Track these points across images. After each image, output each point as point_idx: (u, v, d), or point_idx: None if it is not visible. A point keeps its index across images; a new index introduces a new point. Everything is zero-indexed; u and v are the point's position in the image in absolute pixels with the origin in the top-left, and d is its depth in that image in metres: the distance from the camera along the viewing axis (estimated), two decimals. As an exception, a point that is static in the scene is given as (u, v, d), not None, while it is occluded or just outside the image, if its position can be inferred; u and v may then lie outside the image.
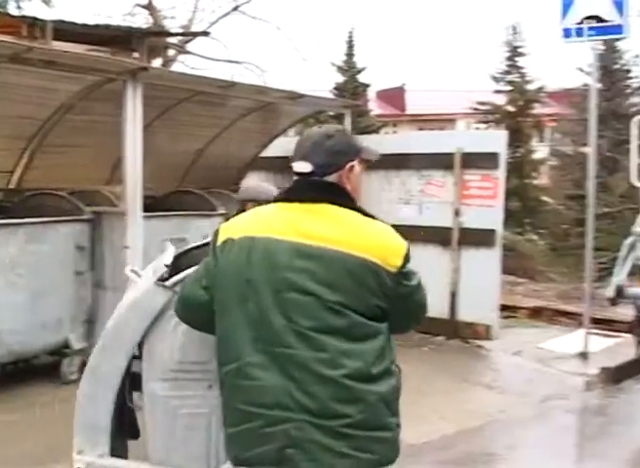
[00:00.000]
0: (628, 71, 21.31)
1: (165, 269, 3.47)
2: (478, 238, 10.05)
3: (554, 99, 23.53)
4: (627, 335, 8.99)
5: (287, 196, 2.94)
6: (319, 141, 2.92)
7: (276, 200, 2.97)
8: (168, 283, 3.36)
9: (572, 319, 11.21)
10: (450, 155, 10.40)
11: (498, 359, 9.40)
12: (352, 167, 2.96)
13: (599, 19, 9.14)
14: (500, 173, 10.07)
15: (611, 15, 9.07)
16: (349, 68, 22.02)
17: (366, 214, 2.89)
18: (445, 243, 10.37)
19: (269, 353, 2.73)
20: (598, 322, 10.41)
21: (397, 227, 2.90)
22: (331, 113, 15.54)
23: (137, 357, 3.47)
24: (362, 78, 22.24)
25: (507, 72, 21.95)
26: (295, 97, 10.61)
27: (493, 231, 9.97)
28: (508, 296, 12.40)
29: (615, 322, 10.41)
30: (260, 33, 51.97)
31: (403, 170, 10.83)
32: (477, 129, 22.30)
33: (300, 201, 2.87)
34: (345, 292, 2.72)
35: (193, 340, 3.29)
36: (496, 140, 10.54)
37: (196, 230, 8.88)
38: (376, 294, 2.76)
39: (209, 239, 3.07)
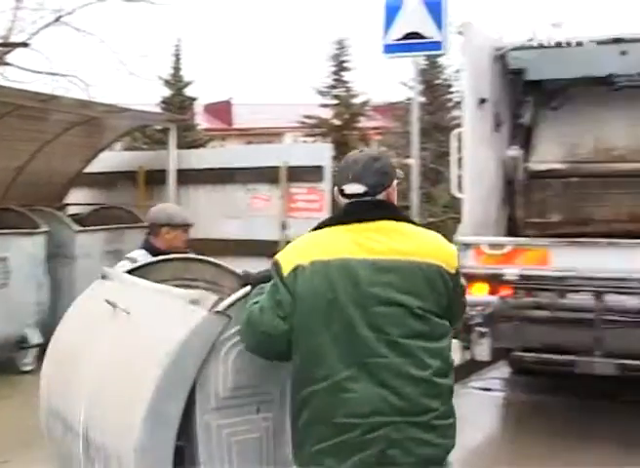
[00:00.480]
0: (450, 86, 22.11)
1: None
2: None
3: (379, 113, 24.14)
4: (453, 341, 9.22)
5: (344, 219, 3.17)
6: (368, 164, 3.18)
7: (329, 224, 3.19)
8: (221, 308, 3.29)
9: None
10: (275, 169, 10.46)
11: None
12: (394, 184, 3.25)
13: (420, 35, 9.40)
14: (326, 185, 10.19)
15: (430, 31, 9.34)
16: (176, 82, 21.85)
17: (415, 225, 3.24)
18: (273, 256, 10.35)
19: (360, 365, 2.97)
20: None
21: (224, 242, 2.87)
22: (157, 127, 15.33)
23: None
24: (189, 92, 22.12)
25: (333, 86, 22.34)
26: (119, 110, 10.41)
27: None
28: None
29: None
30: (84, 46, 50.64)
31: (229, 184, 10.81)
32: (304, 142, 22.54)
33: (359, 221, 3.12)
34: (424, 298, 3.03)
35: (244, 365, 3.29)
36: (321, 154, 10.68)
37: (17, 249, 8.55)
38: (444, 296, 3.10)
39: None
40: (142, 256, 5.21)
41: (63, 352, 4.20)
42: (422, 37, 9.42)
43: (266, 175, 10.60)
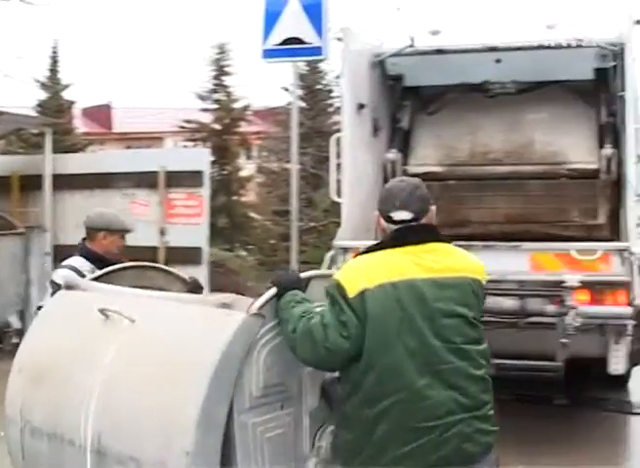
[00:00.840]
0: (331, 91, 22.24)
1: None
2: (184, 256, 10.02)
3: (260, 118, 24.12)
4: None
5: (396, 242, 3.54)
6: (412, 192, 3.63)
7: (383, 247, 3.55)
8: (256, 309, 3.51)
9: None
10: (154, 174, 10.32)
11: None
12: (433, 209, 3.72)
13: (300, 40, 9.44)
14: (205, 190, 10.14)
15: (311, 37, 9.39)
16: (53, 85, 21.29)
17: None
18: (152, 262, 10.22)
19: (433, 373, 3.35)
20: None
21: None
22: (33, 131, 14.94)
23: None
24: (67, 95, 21.58)
25: (214, 90, 22.15)
26: (-9, 113, 10.08)
27: (199, 249, 10.00)
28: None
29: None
30: (-47, 46, 48.95)
31: (106, 189, 10.61)
32: (185, 147, 22.32)
33: (412, 243, 3.52)
34: (473, 308, 3.49)
35: (273, 364, 3.52)
36: (199, 159, 10.64)
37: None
38: (481, 304, 3.59)
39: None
40: (82, 264, 5.29)
41: (45, 368, 4.10)
42: (303, 42, 9.46)
43: (145, 181, 10.46)
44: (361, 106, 8.14)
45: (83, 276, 4.86)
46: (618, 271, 6.96)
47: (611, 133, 8.17)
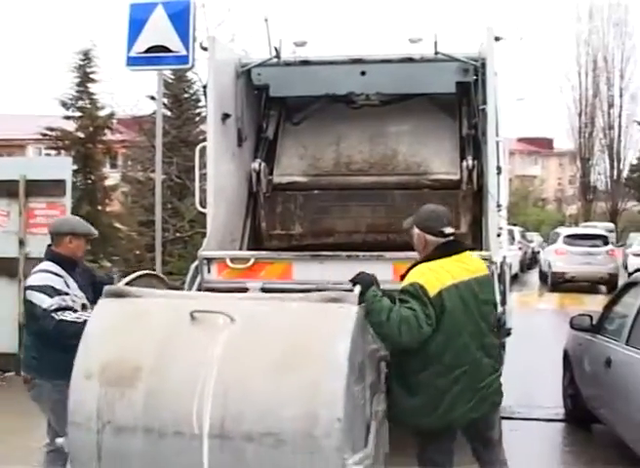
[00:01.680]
0: (198, 100, 22.06)
1: None
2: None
3: (125, 126, 23.67)
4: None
5: (448, 253, 4.99)
6: (447, 212, 5.23)
7: (440, 257, 4.95)
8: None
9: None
10: (14, 182, 9.98)
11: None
12: None
13: (165, 48, 9.31)
14: (67, 200, 9.87)
15: (176, 45, 9.28)
16: None
17: None
18: (12, 274, 9.92)
19: (482, 347, 4.94)
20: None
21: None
22: None
23: None
24: None
25: (78, 98, 21.65)
26: None
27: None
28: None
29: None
30: None
31: (-37, 199, 10.20)
32: (47, 155, 21.74)
33: (455, 253, 5.02)
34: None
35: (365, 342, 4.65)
36: (61, 167, 10.36)
37: None
38: None
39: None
40: (54, 267, 5.63)
41: (131, 369, 4.45)
42: (168, 51, 9.33)
43: (5, 189, 10.11)
44: (226, 116, 8.09)
45: (61, 277, 5.53)
46: None
47: (472, 145, 8.37)
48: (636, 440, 6.24)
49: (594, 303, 17.03)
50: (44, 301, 5.38)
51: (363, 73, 8.61)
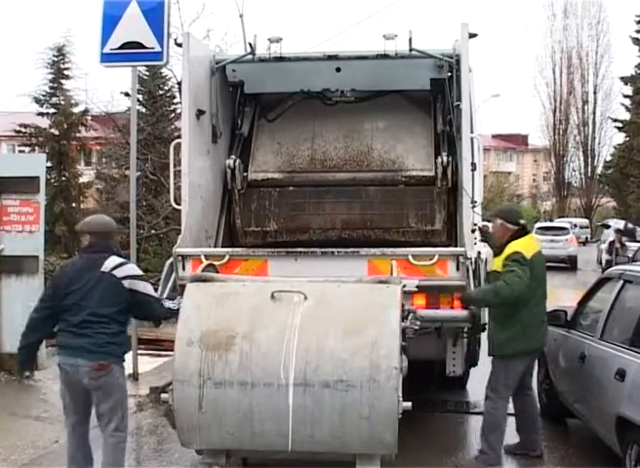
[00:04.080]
0: (173, 97, 21.99)
1: None
2: (19, 265, 9.70)
3: (99, 123, 23.57)
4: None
5: (526, 233, 7.12)
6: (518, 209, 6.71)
7: (523, 235, 7.00)
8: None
9: (122, 341, 11.21)
10: (-13, 180, 9.88)
11: (47, 389, 9.05)
12: None
13: (140, 45, 9.26)
14: (41, 197, 9.79)
15: (151, 42, 9.22)
16: None
17: None
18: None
19: (545, 296, 7.04)
20: (147, 342, 10.52)
21: None
22: None
23: None
24: None
25: (52, 94, 21.54)
26: None
27: (35, 257, 9.65)
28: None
29: (163, 341, 10.59)
30: None
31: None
32: (22, 152, 21.60)
33: (526, 234, 7.14)
34: None
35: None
36: (34, 164, 10.27)
37: None
38: None
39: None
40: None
41: (226, 337, 5.69)
42: (143, 47, 9.28)
43: (-23, 187, 10.00)
44: (201, 113, 8.06)
45: None
46: (454, 276, 7.15)
47: (447, 141, 8.40)
48: (610, 434, 6.26)
49: (569, 299, 17.09)
50: (152, 290, 6.10)
51: (338, 70, 8.61)
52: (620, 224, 38.37)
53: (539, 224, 36.90)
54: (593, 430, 6.94)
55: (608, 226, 33.35)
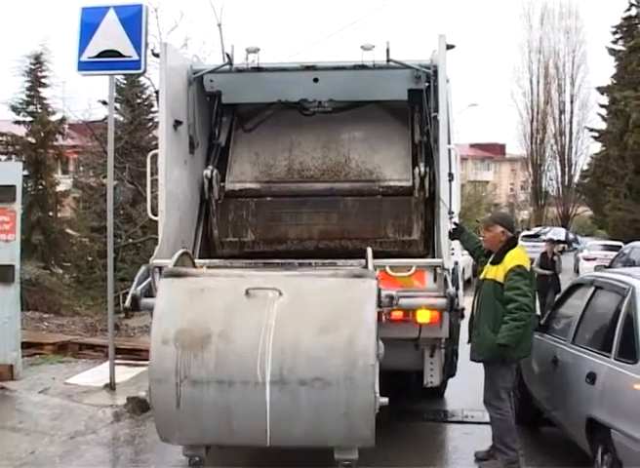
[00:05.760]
0: (151, 105, 21.93)
1: None
2: (-6, 274, 9.60)
3: (77, 131, 23.49)
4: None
5: (516, 243, 7.19)
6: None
7: (516, 245, 7.15)
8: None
9: (99, 351, 11.18)
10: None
11: (23, 399, 8.97)
12: None
13: (117, 53, 9.23)
14: (17, 206, 9.72)
15: (128, 50, 9.19)
16: None
17: None
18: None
19: (535, 302, 7.45)
20: (124, 352, 10.48)
21: None
22: None
23: None
24: None
25: (29, 102, 21.43)
26: None
27: (11, 267, 9.57)
28: (32, 333, 12.02)
29: (140, 351, 10.55)
30: None
31: None
32: (-2, 160, 21.45)
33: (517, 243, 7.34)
34: None
35: None
36: (11, 173, 10.15)
37: None
38: None
39: None
40: None
41: (201, 335, 5.75)
42: (121, 55, 9.24)
43: (-47, 196, 9.90)
44: (178, 123, 8.04)
45: None
46: (431, 287, 7.18)
47: (424, 152, 8.42)
48: (580, 436, 6.41)
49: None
50: None
51: (316, 80, 8.63)
52: (561, 234, 38.85)
53: (523, 233, 40.10)
54: (565, 432, 7.08)
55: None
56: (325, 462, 5.92)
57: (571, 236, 35.36)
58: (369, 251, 6.73)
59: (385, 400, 5.72)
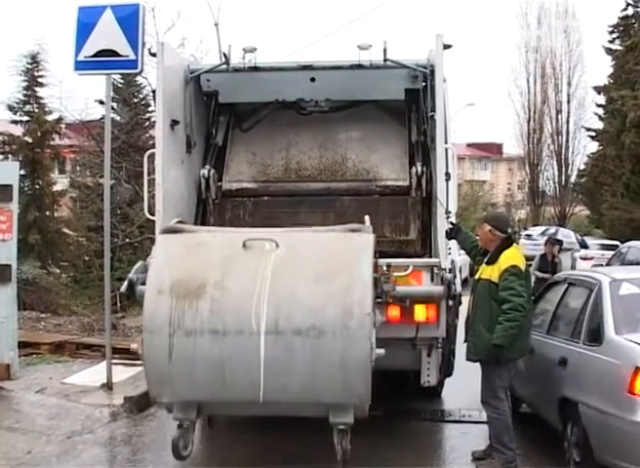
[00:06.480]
0: (148, 105, 21.91)
1: None
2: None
3: (74, 131, 23.44)
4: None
5: (510, 244, 7.05)
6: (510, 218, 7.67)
7: (511, 245, 7.03)
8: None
9: (96, 351, 11.17)
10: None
11: (20, 399, 8.96)
12: None
13: (115, 53, 9.22)
14: (14, 205, 9.71)
15: (125, 50, 9.19)
16: None
17: None
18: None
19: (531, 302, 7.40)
20: (121, 352, 10.48)
21: None
22: None
23: None
24: None
25: (26, 102, 21.38)
26: None
27: (8, 266, 9.56)
28: (29, 333, 12.00)
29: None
30: None
31: None
32: (-5, 160, 21.41)
33: (513, 243, 7.18)
34: None
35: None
36: (8, 172, 10.13)
37: None
38: None
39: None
40: None
41: (196, 286, 5.71)
42: (117, 55, 9.24)
43: (-50, 195, 9.89)
44: (175, 122, 8.05)
45: None
46: (428, 286, 7.20)
47: (421, 151, 8.43)
48: (553, 414, 7.11)
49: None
50: None
51: (313, 80, 8.63)
52: (570, 235, 38.38)
53: (525, 232, 42.25)
54: (538, 413, 7.82)
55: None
56: (325, 461, 5.90)
57: (578, 238, 35.31)
58: (367, 217, 6.67)
59: (382, 351, 5.69)
